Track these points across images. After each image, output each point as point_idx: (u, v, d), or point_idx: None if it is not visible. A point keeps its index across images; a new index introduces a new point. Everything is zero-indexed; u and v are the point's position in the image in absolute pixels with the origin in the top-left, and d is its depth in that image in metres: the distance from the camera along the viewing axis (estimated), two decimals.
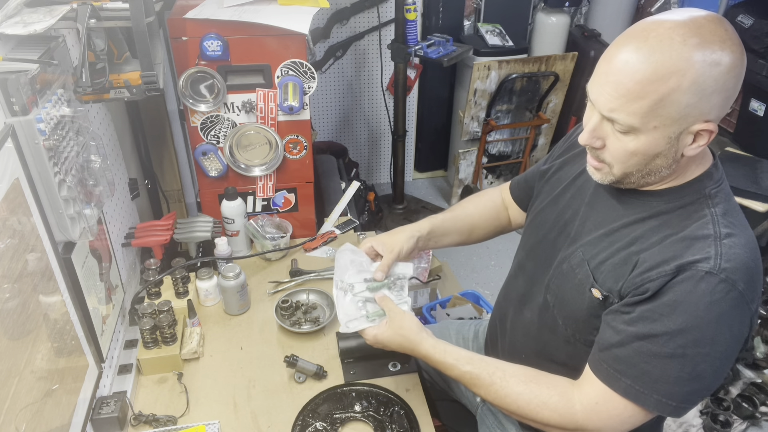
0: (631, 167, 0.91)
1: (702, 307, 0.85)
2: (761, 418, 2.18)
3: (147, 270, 1.48)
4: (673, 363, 0.88)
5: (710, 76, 0.80)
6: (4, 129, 0.88)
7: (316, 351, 1.43)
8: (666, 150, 0.87)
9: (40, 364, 0.92)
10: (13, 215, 0.87)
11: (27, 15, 1.02)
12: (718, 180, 0.95)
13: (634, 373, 0.90)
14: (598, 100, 0.87)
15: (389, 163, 3.40)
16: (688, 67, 0.79)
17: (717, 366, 0.88)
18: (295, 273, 1.68)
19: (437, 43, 2.91)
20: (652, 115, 0.83)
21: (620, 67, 0.83)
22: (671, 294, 0.87)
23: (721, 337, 0.86)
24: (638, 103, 0.82)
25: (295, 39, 1.52)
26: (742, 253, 0.87)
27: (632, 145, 0.87)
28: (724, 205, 0.92)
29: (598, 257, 0.99)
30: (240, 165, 1.69)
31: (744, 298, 0.86)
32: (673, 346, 0.87)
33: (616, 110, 0.85)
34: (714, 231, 0.89)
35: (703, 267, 0.86)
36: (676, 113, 0.82)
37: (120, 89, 1.21)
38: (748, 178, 2.68)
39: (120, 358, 1.37)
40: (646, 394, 0.90)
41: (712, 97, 0.82)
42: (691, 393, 0.89)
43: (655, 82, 0.80)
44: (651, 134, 0.85)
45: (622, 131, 0.87)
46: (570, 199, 1.11)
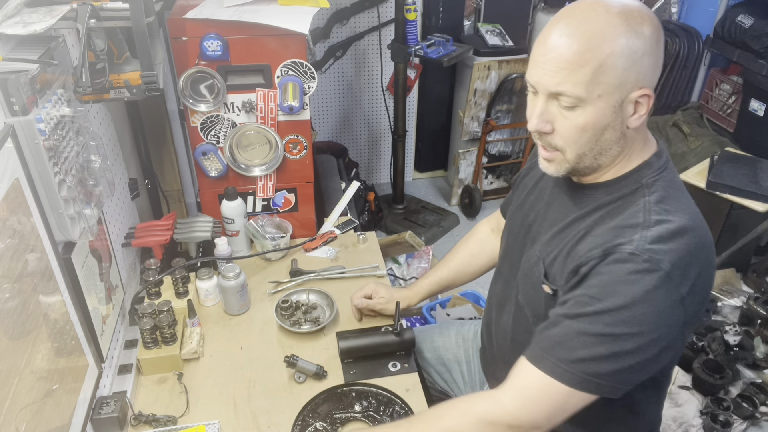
0: (583, 146, 0.92)
1: (627, 287, 0.87)
2: (761, 418, 2.18)
3: (147, 270, 1.48)
4: (600, 341, 0.88)
5: (637, 38, 0.85)
6: (4, 129, 0.88)
7: (316, 351, 1.43)
8: (612, 121, 0.90)
9: (40, 364, 0.92)
10: (13, 215, 0.87)
11: (27, 15, 1.02)
12: (658, 168, 0.97)
13: (561, 352, 0.91)
14: (541, 80, 0.90)
15: (389, 163, 3.40)
16: (617, 32, 0.85)
17: (645, 347, 0.88)
18: (295, 273, 1.68)
19: (437, 43, 2.91)
20: (595, 83, 0.86)
21: (556, 44, 0.87)
22: (598, 276, 0.90)
23: (647, 318, 0.86)
24: (580, 72, 0.86)
25: (295, 39, 1.52)
26: (670, 237, 0.88)
27: (581, 120, 0.90)
28: (660, 192, 0.94)
29: (551, 254, 1.02)
30: (240, 165, 1.69)
31: (670, 279, 0.86)
32: (600, 325, 0.88)
33: (561, 83, 0.87)
34: (643, 219, 0.91)
35: (627, 248, 0.88)
36: (616, 79, 0.86)
37: (120, 89, 1.21)
38: (748, 178, 2.68)
39: (120, 358, 1.37)
40: (572, 373, 0.90)
41: (644, 59, 0.87)
42: (619, 372, 0.89)
43: (590, 50, 0.85)
44: (596, 104, 0.88)
45: (569, 106, 0.89)
46: (533, 201, 1.14)
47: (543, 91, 0.91)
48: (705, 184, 2.71)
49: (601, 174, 0.99)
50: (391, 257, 2.80)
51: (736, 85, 3.26)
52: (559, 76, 0.87)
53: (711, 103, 3.46)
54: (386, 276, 1.70)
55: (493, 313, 1.27)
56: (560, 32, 0.87)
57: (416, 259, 2.77)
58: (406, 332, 1.39)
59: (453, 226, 3.39)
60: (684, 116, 3.23)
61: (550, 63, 0.88)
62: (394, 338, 1.38)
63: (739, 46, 3.07)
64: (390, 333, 1.39)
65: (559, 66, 0.87)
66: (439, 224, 3.34)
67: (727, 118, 3.36)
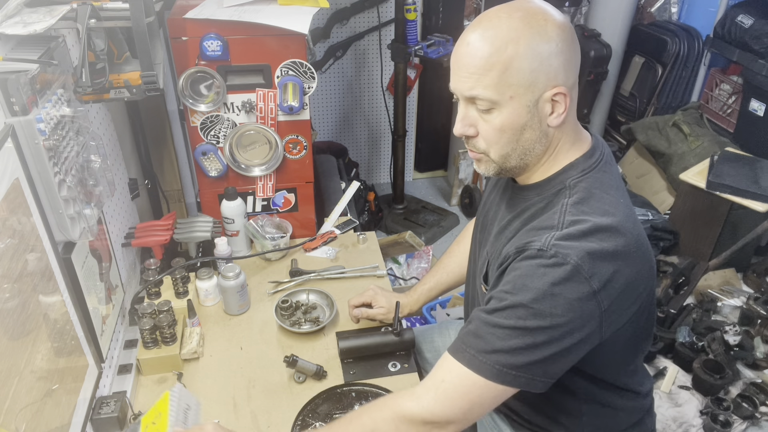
0: (505, 146, 0.96)
1: (535, 281, 0.88)
2: (761, 418, 2.18)
3: (147, 270, 1.49)
4: (514, 334, 0.89)
5: (541, 39, 0.89)
6: (4, 129, 0.88)
7: (316, 351, 1.43)
8: (529, 120, 0.93)
9: (40, 364, 0.92)
10: (13, 215, 0.87)
11: (27, 15, 1.02)
12: (584, 169, 0.98)
13: (478, 344, 0.92)
14: (457, 87, 0.95)
15: (389, 163, 3.40)
16: (519, 35, 0.88)
17: (558, 339, 0.88)
18: (295, 273, 1.68)
19: (437, 43, 2.91)
20: (504, 85, 0.90)
21: (466, 51, 0.92)
22: (511, 273, 0.93)
23: (558, 310, 0.87)
24: (488, 75, 0.90)
25: (295, 39, 1.52)
26: (580, 235, 0.89)
27: (498, 121, 0.93)
28: (582, 194, 0.95)
29: (493, 255, 1.05)
30: (240, 165, 1.69)
31: (580, 273, 0.86)
32: (514, 318, 0.90)
33: (474, 87, 0.91)
34: (557, 221, 0.93)
35: (535, 245, 0.90)
36: (525, 80, 0.90)
37: (120, 89, 1.21)
38: (748, 178, 2.68)
39: (120, 358, 1.37)
40: (488, 364, 0.91)
41: (551, 59, 0.90)
42: (531, 364, 0.90)
43: (494, 54, 0.89)
44: (510, 105, 0.91)
45: (485, 109, 0.93)
46: (491, 201, 1.17)
47: (461, 96, 0.96)
48: (705, 184, 2.71)
49: (531, 174, 1.02)
50: (391, 257, 2.80)
51: (736, 85, 3.26)
52: (470, 81, 0.91)
53: (711, 103, 3.46)
54: (386, 276, 1.70)
55: (468, 312, 1.29)
56: (469, 40, 0.92)
57: (416, 259, 2.77)
58: (406, 332, 1.39)
59: (453, 226, 3.39)
60: (684, 116, 3.23)
61: (462, 69, 0.92)
62: (394, 338, 1.38)
63: (739, 46, 3.07)
64: (390, 333, 1.39)
65: (469, 71, 0.91)
66: (439, 224, 3.34)
67: (727, 118, 3.36)
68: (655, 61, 3.45)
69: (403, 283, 2.67)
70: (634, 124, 3.43)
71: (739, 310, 2.57)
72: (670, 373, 2.32)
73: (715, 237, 2.75)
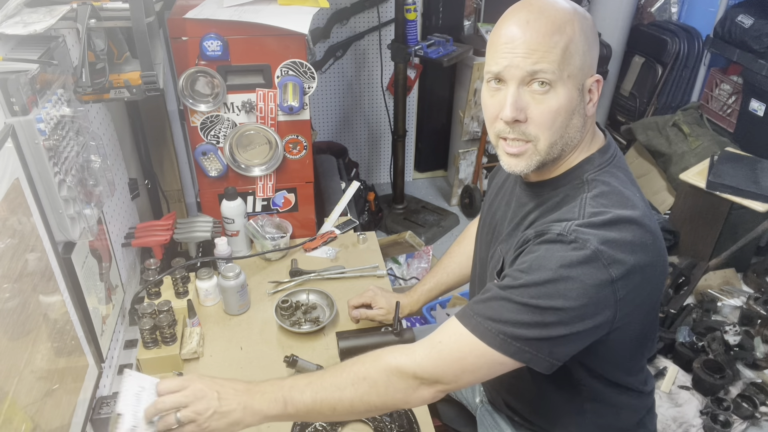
0: (556, 132, 0.94)
1: (554, 262, 0.88)
2: (761, 418, 2.18)
3: (147, 270, 1.48)
4: (524, 310, 0.89)
5: (588, 26, 0.93)
6: (4, 129, 0.88)
7: (316, 351, 1.43)
8: (578, 105, 0.94)
9: (40, 364, 0.92)
10: (13, 215, 0.87)
11: (27, 15, 1.02)
12: (600, 164, 0.99)
13: (487, 313, 0.92)
14: (512, 64, 0.91)
15: (389, 163, 3.40)
16: (573, 18, 0.91)
17: (568, 321, 0.88)
18: (295, 273, 1.68)
19: (437, 43, 2.91)
20: (565, 64, 0.90)
21: (524, 30, 0.90)
22: (528, 254, 0.93)
23: (573, 293, 0.87)
24: (553, 52, 0.89)
25: (295, 39, 1.52)
26: (601, 224, 0.89)
27: (555, 103, 0.92)
28: (601, 188, 0.96)
29: (509, 250, 1.04)
30: (240, 165, 1.69)
31: (599, 259, 0.86)
32: (526, 296, 0.89)
33: (539, 62, 0.90)
34: (578, 213, 0.93)
35: (556, 230, 0.91)
36: (579, 61, 0.91)
37: (120, 89, 1.21)
38: (748, 178, 2.68)
39: (120, 358, 1.37)
40: (492, 332, 0.90)
41: (593, 46, 0.94)
42: (537, 340, 0.89)
43: (556, 33, 0.89)
44: (566, 86, 0.91)
45: (542, 90, 0.91)
46: (499, 201, 1.17)
47: (515, 76, 0.92)
48: (705, 184, 2.72)
49: (553, 169, 1.01)
50: (391, 257, 2.80)
51: (736, 85, 3.26)
52: (535, 56, 0.90)
53: (711, 103, 3.46)
54: (386, 276, 1.70)
55: None
56: (524, 20, 0.91)
57: (416, 259, 2.77)
58: (406, 332, 1.39)
59: (453, 226, 3.39)
60: (684, 116, 3.23)
61: (522, 47, 0.90)
62: (394, 338, 1.38)
63: (739, 46, 3.07)
64: (390, 333, 1.39)
65: (531, 48, 0.90)
66: (439, 224, 3.34)
67: (727, 118, 3.36)
68: (655, 61, 3.45)
69: (403, 283, 2.67)
70: (634, 124, 3.43)
71: (739, 310, 2.57)
72: (670, 373, 2.32)
73: (715, 237, 2.75)
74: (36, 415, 0.89)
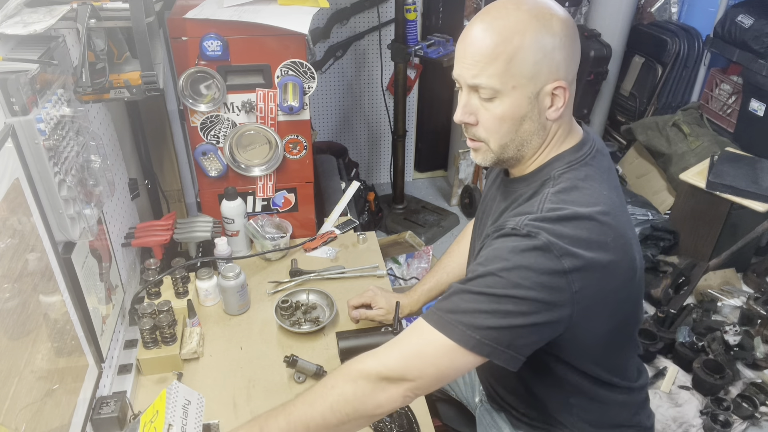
0: (504, 136, 0.97)
1: (506, 253, 0.91)
2: (761, 418, 2.18)
3: (147, 270, 1.48)
4: (480, 299, 0.91)
5: (547, 33, 0.91)
6: (4, 129, 0.88)
7: (316, 351, 1.43)
8: (529, 112, 0.95)
9: (40, 364, 0.92)
10: (13, 215, 0.87)
11: (27, 15, 1.02)
12: (570, 161, 1.00)
13: (447, 306, 0.94)
14: (461, 74, 0.96)
15: (389, 163, 3.40)
16: (525, 27, 0.91)
17: (525, 311, 0.89)
18: (294, 273, 1.68)
19: (437, 43, 2.91)
20: (508, 75, 0.91)
21: (473, 40, 0.94)
22: (486, 249, 0.96)
23: (527, 282, 0.88)
24: (493, 65, 0.91)
25: (295, 39, 1.52)
26: (555, 219, 0.91)
27: (499, 110, 0.95)
28: (564, 184, 0.97)
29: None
30: (240, 165, 1.69)
31: (550, 249, 0.87)
32: (482, 285, 0.91)
33: (477, 75, 0.93)
34: (537, 207, 0.94)
35: (510, 224, 0.93)
36: (528, 71, 0.92)
37: (120, 89, 1.21)
38: (748, 178, 2.68)
39: (120, 358, 1.37)
40: (453, 325, 0.92)
41: (555, 53, 0.92)
42: (495, 329, 0.90)
43: (501, 44, 0.91)
44: (512, 95, 0.93)
45: (487, 98, 0.94)
46: (490, 197, 1.19)
47: (464, 84, 0.97)
48: (705, 184, 2.72)
49: (525, 166, 1.04)
50: (391, 257, 2.80)
51: (736, 85, 3.26)
52: (475, 69, 0.93)
53: (711, 103, 3.46)
54: (386, 276, 1.70)
55: None
56: (477, 29, 0.93)
57: (416, 259, 2.77)
58: None
59: (453, 226, 3.39)
60: (684, 116, 3.23)
61: (468, 57, 0.94)
62: (394, 338, 1.38)
63: (739, 46, 3.07)
64: (390, 333, 1.39)
65: (474, 59, 0.93)
66: (439, 224, 3.34)
67: (727, 118, 3.36)
68: (655, 61, 3.45)
69: (403, 283, 2.67)
70: (634, 124, 3.43)
71: (739, 310, 2.57)
72: (670, 373, 2.32)
73: (715, 237, 2.75)
74: (36, 415, 0.89)
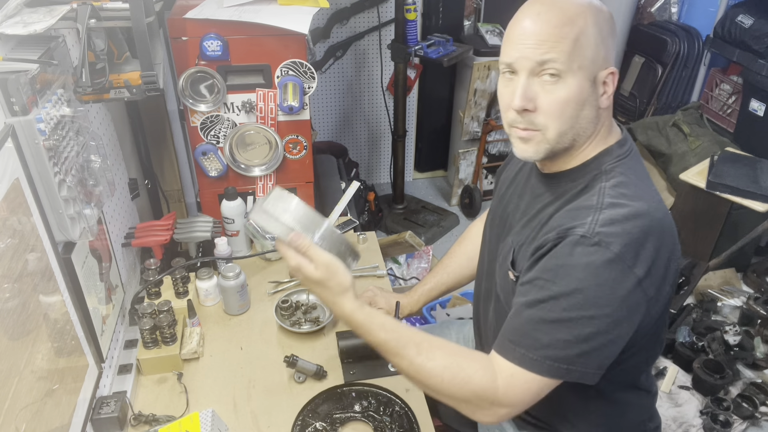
0: (565, 122, 0.95)
1: (580, 270, 0.88)
2: (761, 418, 2.18)
3: (147, 270, 1.48)
4: (560, 327, 0.89)
5: (602, 18, 0.93)
6: (4, 129, 0.88)
7: (316, 351, 1.43)
8: (590, 96, 0.94)
9: (40, 364, 0.92)
10: (13, 215, 0.87)
11: (27, 15, 1.02)
12: (618, 155, 1.00)
13: (527, 342, 0.92)
14: (523, 55, 0.93)
15: (389, 163, 3.40)
16: (585, 10, 0.92)
17: (606, 330, 0.88)
18: None
19: (437, 43, 2.91)
20: (575, 55, 0.91)
21: (534, 22, 0.93)
22: (552, 259, 0.92)
23: (603, 300, 0.87)
24: (562, 43, 0.90)
25: (295, 39, 1.52)
26: (622, 220, 0.89)
27: (564, 93, 0.92)
28: (619, 178, 0.96)
29: (521, 242, 1.05)
30: (240, 165, 1.69)
31: (623, 261, 0.87)
32: (558, 310, 0.89)
33: (547, 52, 0.91)
34: (597, 202, 0.93)
35: (578, 231, 0.90)
36: (591, 54, 0.92)
37: (120, 89, 1.21)
38: (748, 178, 2.68)
39: (120, 358, 1.37)
40: (539, 361, 0.91)
41: (608, 39, 0.94)
42: (581, 356, 0.89)
43: (567, 25, 0.91)
44: (577, 76, 0.92)
45: (551, 81, 0.92)
46: (511, 194, 1.17)
47: (525, 67, 0.93)
48: (705, 184, 2.71)
49: (569, 160, 1.01)
50: (391, 257, 2.80)
51: (736, 85, 3.26)
52: (544, 47, 0.91)
53: (711, 103, 3.46)
54: (386, 276, 1.70)
55: (480, 308, 1.28)
56: (536, 12, 0.93)
57: (416, 259, 2.77)
58: None
59: (453, 226, 3.39)
60: (684, 116, 3.23)
61: (532, 38, 0.92)
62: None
63: (739, 46, 3.07)
64: None
65: (541, 38, 0.91)
66: (439, 224, 3.34)
67: (727, 118, 3.36)
68: (655, 61, 3.45)
69: (403, 283, 2.67)
70: (634, 124, 3.43)
71: (739, 310, 2.57)
72: (670, 373, 2.32)
73: (715, 237, 2.75)
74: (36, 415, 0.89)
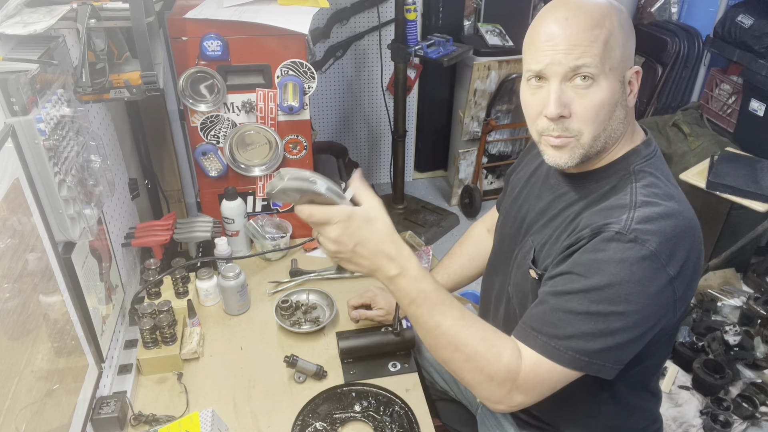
0: (599, 125, 0.94)
1: (613, 265, 0.88)
2: (761, 418, 2.18)
3: (147, 270, 1.48)
4: (587, 319, 0.89)
5: (624, 17, 0.94)
6: (4, 129, 0.88)
7: (316, 351, 1.43)
8: (620, 97, 0.95)
9: (40, 364, 0.92)
10: (13, 215, 0.87)
11: (27, 15, 1.02)
12: (646, 156, 1.00)
13: (549, 330, 0.91)
14: (554, 61, 0.91)
15: (389, 163, 3.40)
16: (610, 11, 0.92)
17: (632, 326, 0.88)
18: (295, 273, 1.68)
19: (437, 43, 2.91)
20: (606, 57, 0.91)
21: (563, 27, 0.91)
22: (585, 254, 0.91)
23: (634, 296, 0.87)
24: (594, 46, 0.90)
25: (295, 39, 1.52)
26: (656, 218, 0.89)
27: (598, 97, 0.92)
28: (649, 178, 0.97)
29: (542, 242, 1.04)
30: (240, 165, 1.69)
31: (657, 259, 0.87)
32: (587, 303, 0.89)
33: (580, 57, 0.90)
34: (630, 200, 0.93)
35: (614, 227, 0.90)
36: (619, 54, 0.92)
37: (120, 89, 1.21)
38: (748, 178, 2.68)
39: (120, 358, 1.37)
40: (561, 351, 0.90)
41: (631, 39, 0.95)
42: (605, 350, 0.89)
43: (596, 27, 0.90)
44: (608, 79, 0.92)
45: (584, 85, 0.92)
46: (526, 195, 1.17)
47: (557, 73, 0.92)
48: (705, 184, 2.71)
49: (596, 161, 1.01)
50: None
51: (736, 85, 3.26)
52: (577, 51, 0.90)
53: (711, 103, 3.46)
54: None
55: (490, 309, 1.27)
56: (562, 17, 0.91)
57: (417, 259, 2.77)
58: (406, 332, 1.39)
59: (453, 226, 3.39)
60: (684, 116, 3.23)
61: (563, 43, 0.90)
62: (394, 338, 1.38)
63: (739, 46, 3.07)
64: (390, 333, 1.39)
65: (572, 43, 0.90)
66: (439, 224, 3.34)
67: (727, 118, 3.36)
68: (655, 61, 3.45)
69: None
70: None
71: (739, 310, 2.57)
72: (670, 373, 2.32)
73: (715, 237, 2.75)
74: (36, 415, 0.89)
